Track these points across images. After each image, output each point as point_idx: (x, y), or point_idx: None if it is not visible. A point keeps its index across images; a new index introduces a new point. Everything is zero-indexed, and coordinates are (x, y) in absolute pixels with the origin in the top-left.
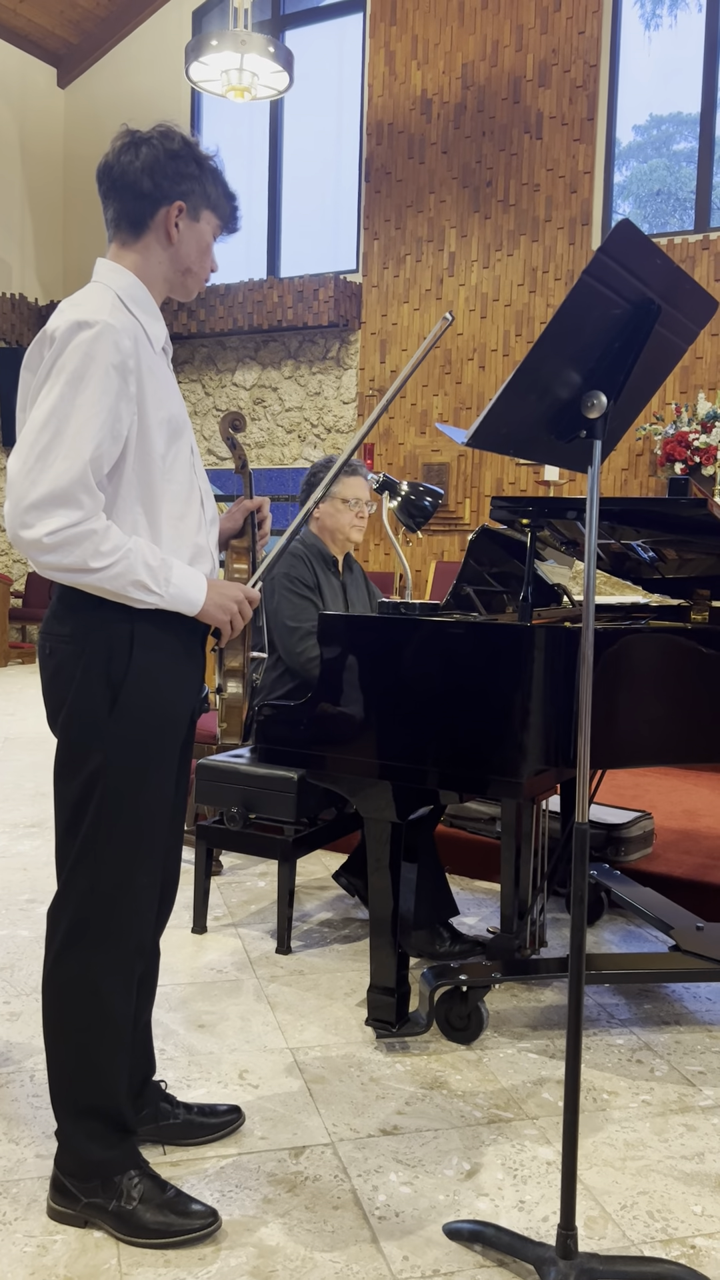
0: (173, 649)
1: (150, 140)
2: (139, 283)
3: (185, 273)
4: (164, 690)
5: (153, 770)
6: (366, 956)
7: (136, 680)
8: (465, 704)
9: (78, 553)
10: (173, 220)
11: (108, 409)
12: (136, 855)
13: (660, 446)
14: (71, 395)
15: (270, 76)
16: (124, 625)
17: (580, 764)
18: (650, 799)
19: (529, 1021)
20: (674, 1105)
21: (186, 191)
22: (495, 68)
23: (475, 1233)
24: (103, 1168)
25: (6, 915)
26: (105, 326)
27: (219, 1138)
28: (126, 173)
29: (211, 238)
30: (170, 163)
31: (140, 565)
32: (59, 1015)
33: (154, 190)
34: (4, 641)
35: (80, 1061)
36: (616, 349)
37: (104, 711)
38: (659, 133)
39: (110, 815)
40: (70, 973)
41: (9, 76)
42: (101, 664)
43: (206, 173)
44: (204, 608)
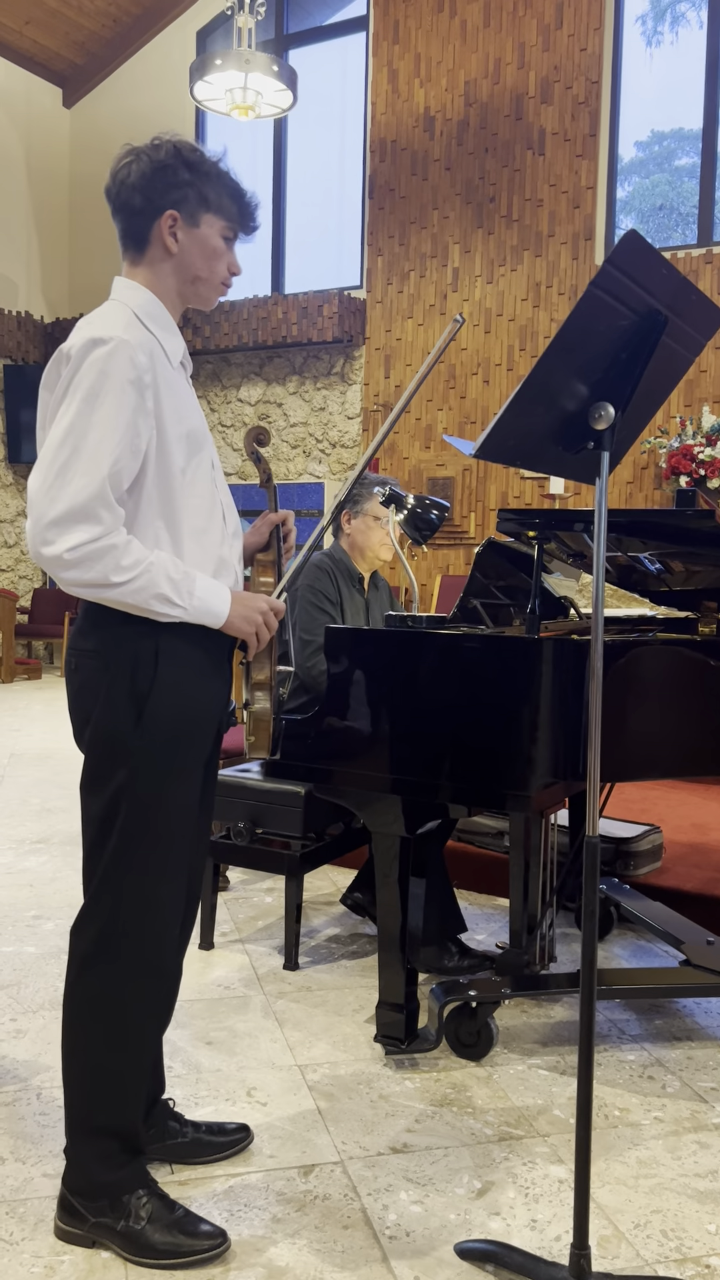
0: (198, 663)
1: (140, 155)
2: (154, 299)
3: (194, 281)
4: (189, 705)
5: (178, 786)
6: (375, 973)
7: (161, 695)
8: (473, 717)
9: (99, 568)
10: (167, 231)
11: (125, 424)
12: (162, 872)
13: (665, 460)
14: (88, 412)
15: (274, 95)
16: (149, 640)
17: (590, 777)
18: (659, 812)
19: (539, 1038)
20: (687, 1122)
21: (178, 200)
22: (498, 85)
23: (487, 1253)
24: (111, 1187)
25: (13, 932)
26: (120, 342)
27: (227, 1156)
28: (122, 191)
29: (219, 241)
30: (157, 174)
31: (162, 579)
32: (80, 1032)
33: (146, 205)
34: (10, 658)
35: (98, 1080)
36: (623, 360)
37: (129, 726)
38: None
39: (136, 831)
40: (93, 990)
41: (15, 97)
42: (126, 679)
43: (201, 176)
44: (229, 620)
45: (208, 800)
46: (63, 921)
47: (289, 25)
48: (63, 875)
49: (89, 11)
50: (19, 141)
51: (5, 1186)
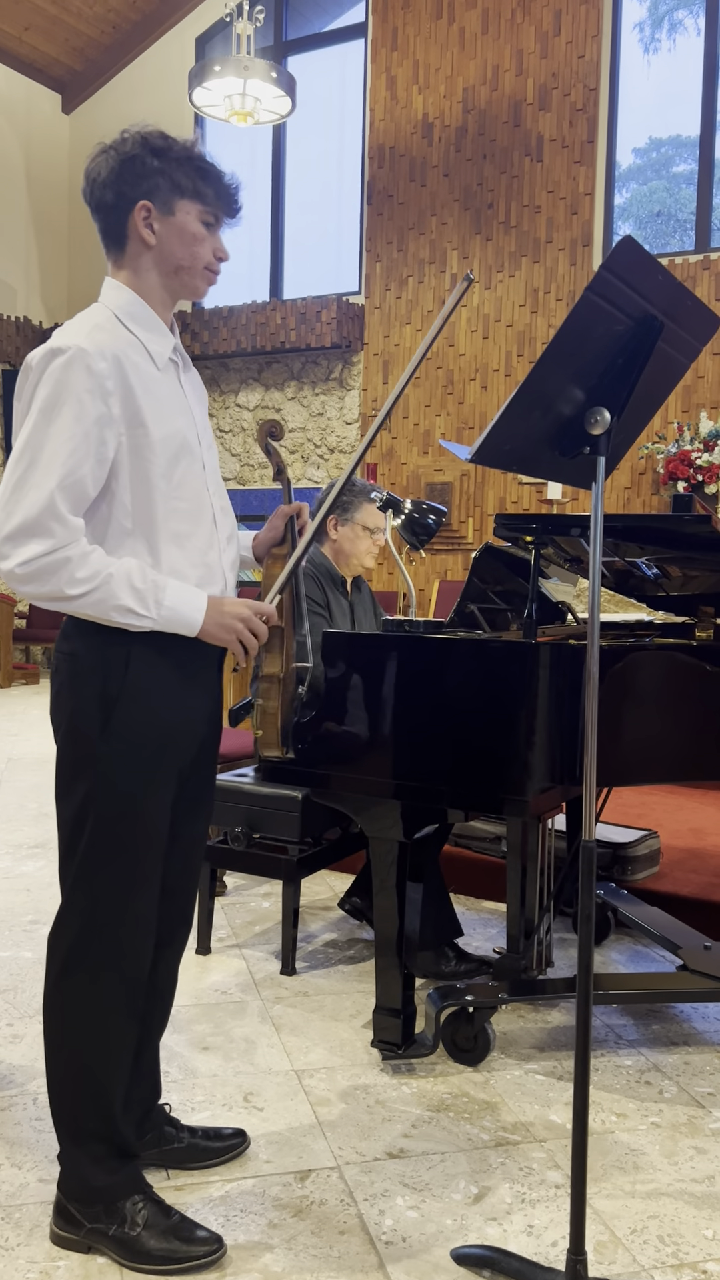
0: (170, 672)
1: (107, 151)
2: (137, 298)
3: (177, 271)
4: (158, 714)
5: (146, 795)
6: (372, 977)
7: (129, 703)
8: (470, 722)
9: (53, 581)
10: (141, 223)
11: (82, 435)
12: (131, 880)
13: (663, 465)
14: (44, 425)
15: (273, 101)
16: (121, 647)
17: (586, 781)
18: (656, 817)
19: (536, 1043)
20: (683, 1127)
21: (150, 189)
22: (496, 92)
23: (483, 1258)
24: (106, 1193)
25: (10, 937)
26: (77, 351)
27: (224, 1162)
28: (94, 191)
29: (198, 226)
30: (125, 166)
31: (123, 589)
32: (59, 1040)
33: (117, 200)
34: (7, 662)
35: (80, 1086)
36: (620, 365)
37: (96, 732)
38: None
39: (104, 840)
40: (69, 998)
41: (14, 103)
42: (97, 684)
43: (171, 162)
44: (203, 628)
45: (200, 806)
46: None
47: (288, 32)
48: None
49: (88, 18)
50: (18, 147)
51: (1, 1192)
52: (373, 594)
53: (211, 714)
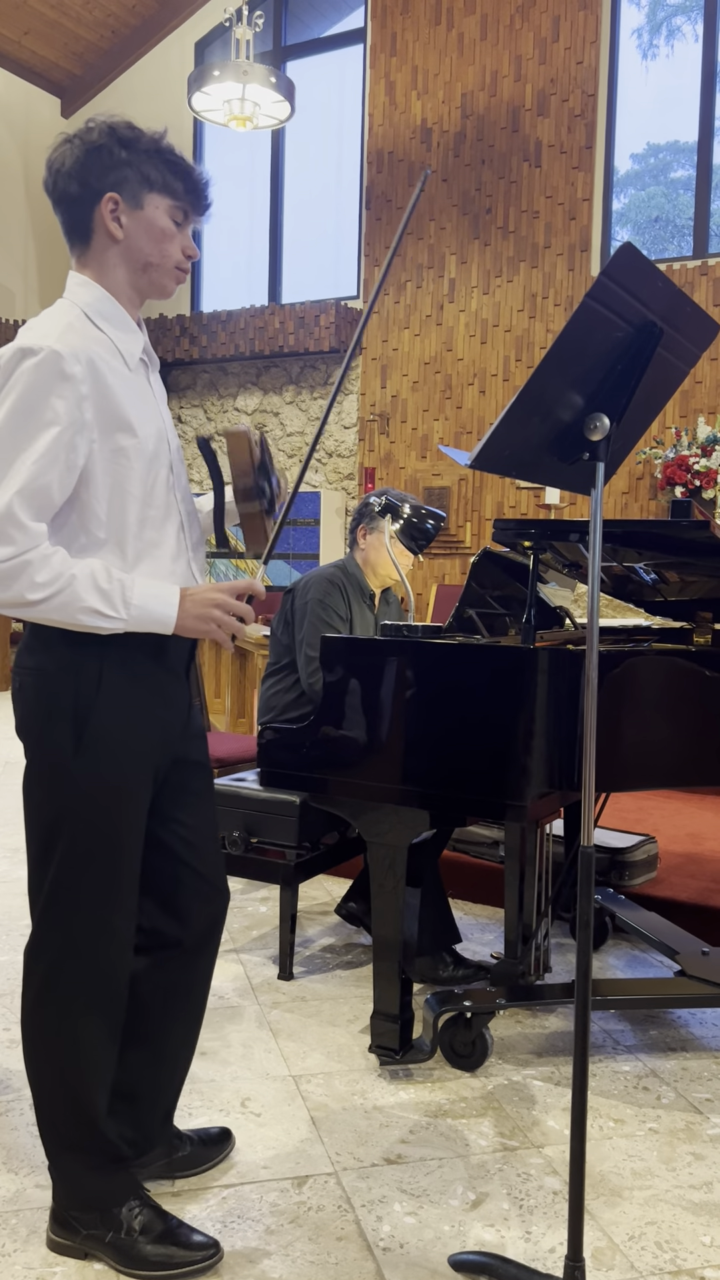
0: (146, 686)
1: (73, 140)
2: (107, 295)
3: (146, 268)
4: (134, 730)
5: (121, 812)
6: (369, 983)
7: (103, 719)
8: (468, 727)
9: (15, 586)
10: (108, 215)
11: (51, 440)
12: (108, 899)
13: (660, 470)
14: (11, 429)
15: (272, 106)
16: (93, 661)
17: (585, 787)
18: (654, 822)
19: (534, 1048)
20: (681, 1133)
21: (117, 181)
22: (494, 97)
23: (481, 1264)
24: (100, 1199)
25: (8, 940)
26: (49, 354)
27: (219, 1162)
28: (57, 182)
29: (167, 222)
30: (91, 157)
31: (88, 590)
32: (39, 1058)
33: (82, 191)
34: (4, 666)
35: (63, 1101)
36: (619, 371)
37: (69, 751)
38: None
39: (79, 859)
40: (48, 1019)
41: (13, 107)
42: (68, 701)
43: (140, 154)
44: (179, 623)
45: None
46: None
47: (287, 37)
48: None
49: (88, 22)
50: (17, 151)
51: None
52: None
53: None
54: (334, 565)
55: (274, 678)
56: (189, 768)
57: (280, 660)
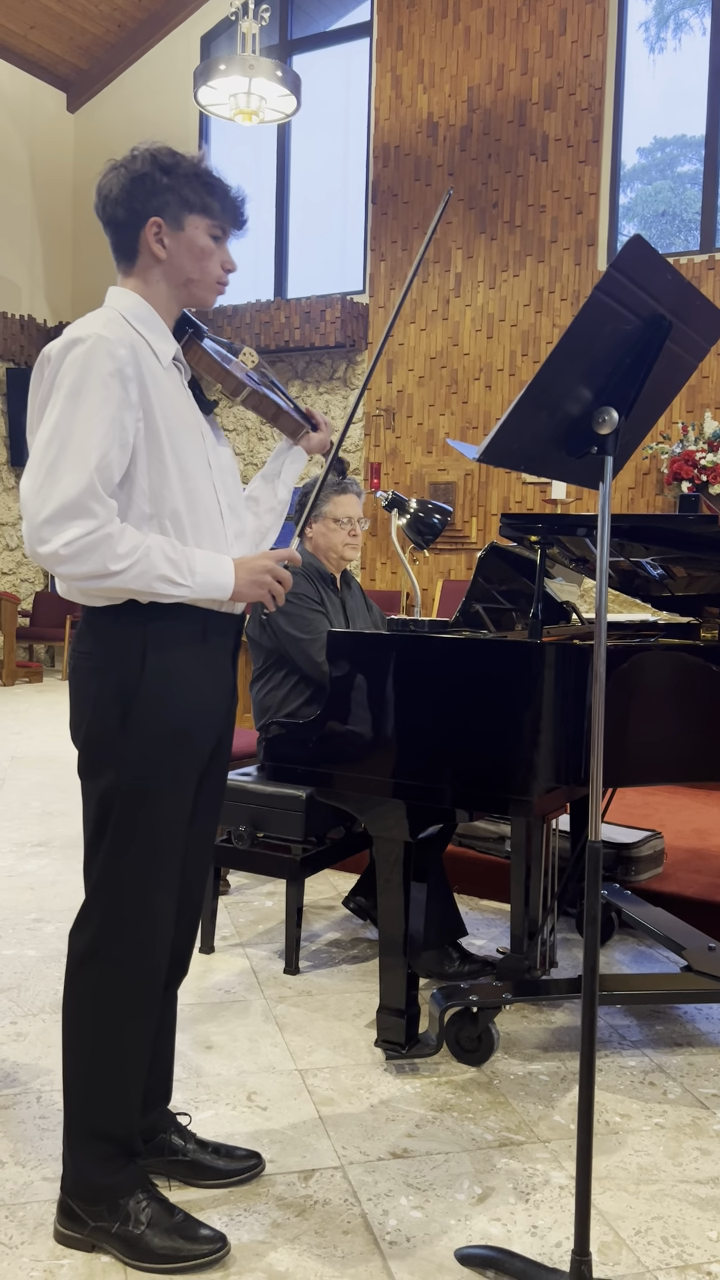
0: (187, 664)
1: (118, 169)
2: (143, 302)
3: (187, 283)
4: (177, 705)
5: (167, 790)
6: (375, 977)
7: (146, 698)
8: (475, 722)
9: (95, 558)
10: (152, 238)
11: (109, 418)
12: (151, 876)
13: (667, 465)
14: (72, 409)
15: (278, 100)
16: (136, 640)
17: (593, 782)
18: (660, 818)
19: (540, 1043)
20: (688, 1128)
21: (159, 206)
22: (501, 91)
23: (487, 1258)
24: (109, 1191)
25: (14, 935)
26: (98, 338)
27: (231, 1184)
28: (106, 207)
29: (207, 240)
30: (135, 185)
31: (161, 560)
32: (75, 1034)
33: (129, 216)
34: (11, 661)
35: (94, 1082)
36: (628, 365)
37: (116, 727)
38: (663, 155)
39: (125, 835)
40: (87, 991)
41: (19, 101)
42: (114, 681)
43: (180, 178)
44: (236, 589)
45: (214, 804)
46: (63, 925)
47: (293, 31)
48: (63, 879)
49: (94, 16)
50: (23, 146)
51: (5, 1190)
52: (363, 590)
53: (228, 707)
54: None
55: (261, 680)
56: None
57: (265, 662)
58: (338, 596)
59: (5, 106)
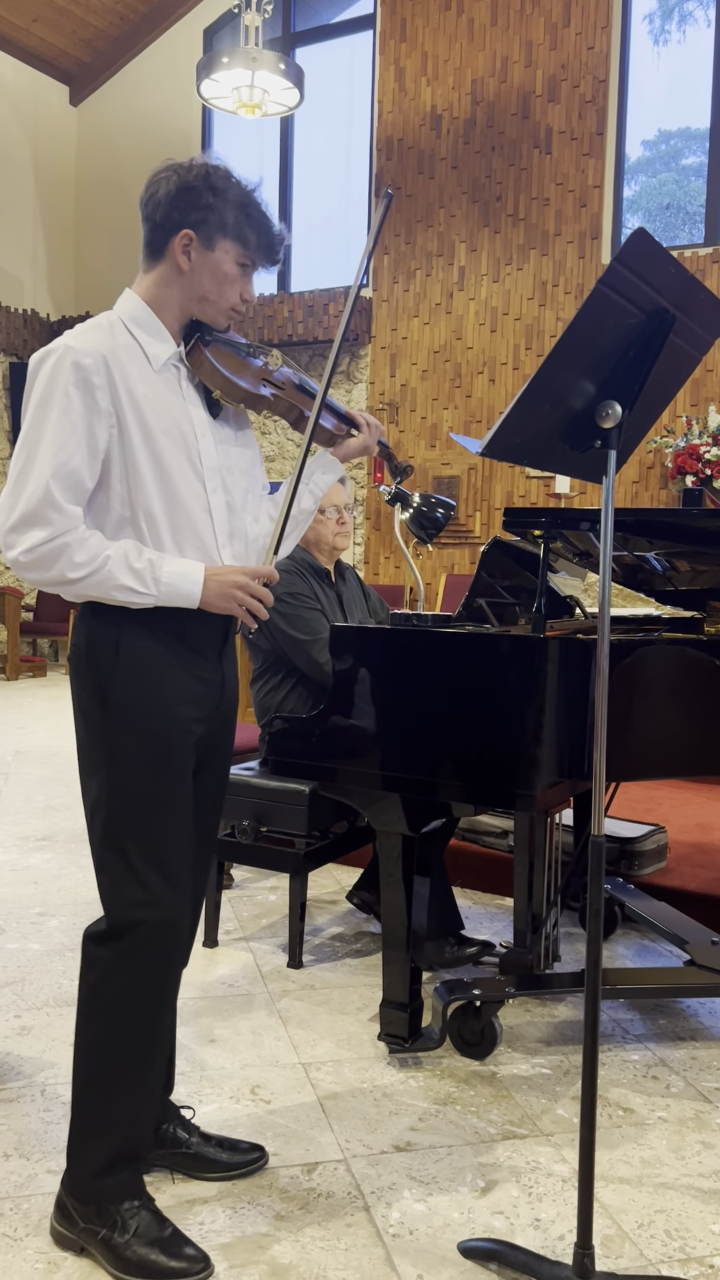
0: (161, 652)
1: (174, 172)
2: (143, 305)
3: (201, 300)
4: (149, 701)
5: (155, 779)
6: (378, 971)
7: (121, 685)
8: (478, 716)
9: (56, 567)
10: (180, 248)
11: (71, 427)
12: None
13: (671, 459)
14: (39, 420)
15: (281, 93)
16: (112, 629)
17: (596, 776)
18: (663, 812)
19: (543, 1037)
20: (691, 1122)
21: (197, 221)
22: (505, 83)
23: (490, 1251)
24: (102, 1194)
25: (18, 929)
26: (64, 350)
27: (235, 1177)
28: (148, 204)
29: (233, 267)
30: (182, 194)
31: (121, 570)
32: (85, 1030)
33: (165, 220)
34: (15, 655)
35: (107, 1085)
36: (631, 358)
37: (99, 720)
38: (668, 147)
39: (116, 825)
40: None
41: (22, 95)
42: (94, 675)
43: (225, 202)
44: (204, 599)
45: (215, 800)
46: (67, 919)
47: (296, 23)
48: (67, 873)
49: (96, 9)
50: (26, 140)
51: (9, 1183)
52: (360, 580)
53: (219, 702)
54: None
55: (261, 680)
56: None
57: (264, 663)
58: (333, 590)
59: (8, 100)
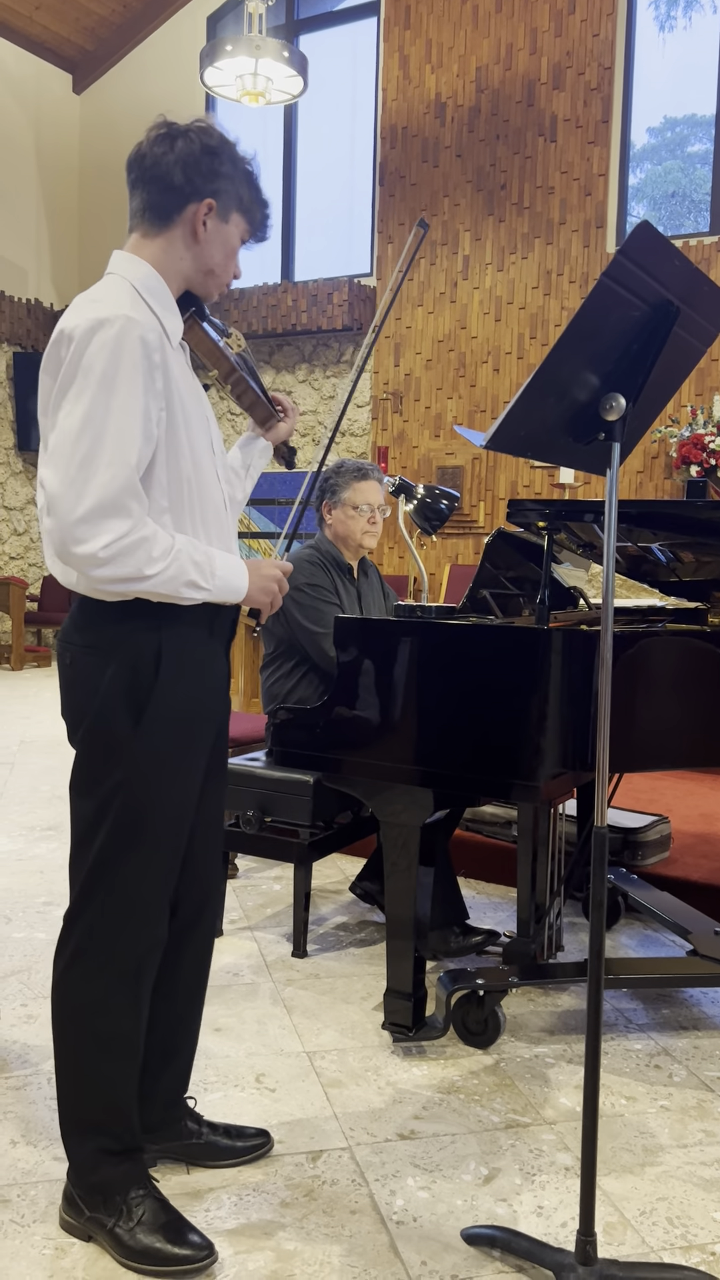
0: (200, 659)
1: (188, 133)
2: (155, 274)
3: (208, 273)
4: (192, 703)
5: (175, 787)
6: (383, 960)
7: (164, 695)
8: (482, 707)
9: (133, 561)
10: (200, 218)
11: (143, 409)
12: (149, 873)
13: (676, 449)
14: (105, 399)
15: (284, 81)
16: (152, 635)
17: (599, 768)
18: (667, 803)
19: (546, 1026)
20: (693, 1111)
21: (219, 190)
22: (509, 71)
23: (493, 1238)
24: (105, 1185)
25: (24, 918)
26: (128, 321)
27: (244, 1162)
28: (159, 164)
29: (238, 241)
30: (205, 158)
31: (189, 564)
32: (65, 1030)
33: (185, 184)
34: (20, 645)
35: (86, 1077)
36: (635, 351)
37: (127, 728)
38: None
39: (125, 834)
40: (77, 988)
41: (25, 83)
42: (126, 677)
43: (240, 174)
44: (248, 593)
45: (220, 786)
46: None
47: (300, 11)
48: None
49: None
50: (29, 128)
51: (16, 1170)
52: (381, 577)
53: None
54: (308, 546)
55: (271, 667)
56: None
57: (276, 649)
58: (354, 586)
59: (11, 88)
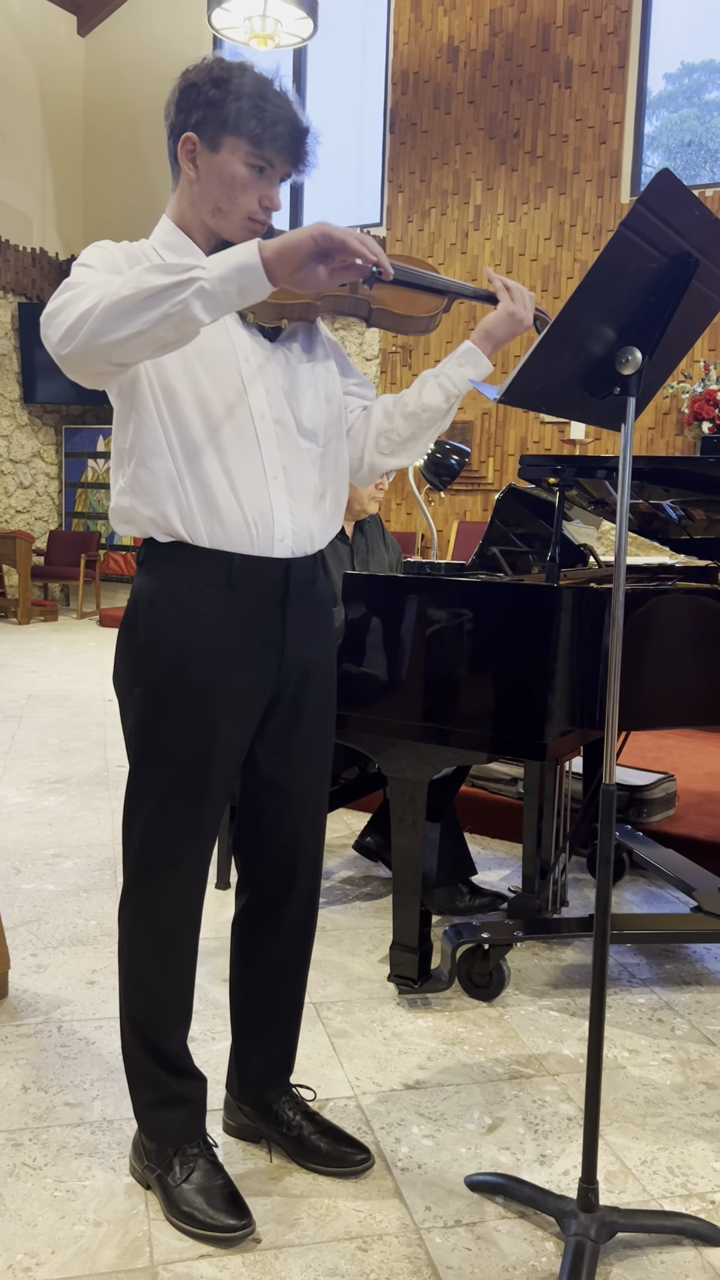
0: (202, 611)
1: (183, 74)
2: (174, 228)
3: (215, 212)
4: (182, 659)
5: (176, 740)
6: (388, 914)
7: (150, 646)
8: (490, 664)
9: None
10: (184, 154)
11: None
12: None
13: (688, 405)
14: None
15: (294, 23)
16: (151, 581)
17: (608, 726)
18: (673, 761)
19: (550, 980)
20: (695, 1063)
21: (199, 121)
22: (524, 14)
23: (497, 1185)
24: (161, 1135)
25: (33, 870)
26: (98, 242)
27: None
28: (165, 112)
29: (243, 168)
30: (185, 94)
31: (142, 273)
32: (121, 989)
33: (171, 126)
34: (26, 599)
35: (133, 1034)
36: (653, 304)
37: (129, 672)
38: (690, 81)
39: (133, 787)
40: (124, 939)
41: (28, 25)
42: (130, 624)
43: (230, 94)
44: (268, 257)
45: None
46: (80, 860)
47: None
48: (81, 815)
49: None
50: (33, 71)
51: (29, 1114)
52: (383, 527)
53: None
54: None
55: None
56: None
57: None
58: (346, 545)
59: (14, 29)
